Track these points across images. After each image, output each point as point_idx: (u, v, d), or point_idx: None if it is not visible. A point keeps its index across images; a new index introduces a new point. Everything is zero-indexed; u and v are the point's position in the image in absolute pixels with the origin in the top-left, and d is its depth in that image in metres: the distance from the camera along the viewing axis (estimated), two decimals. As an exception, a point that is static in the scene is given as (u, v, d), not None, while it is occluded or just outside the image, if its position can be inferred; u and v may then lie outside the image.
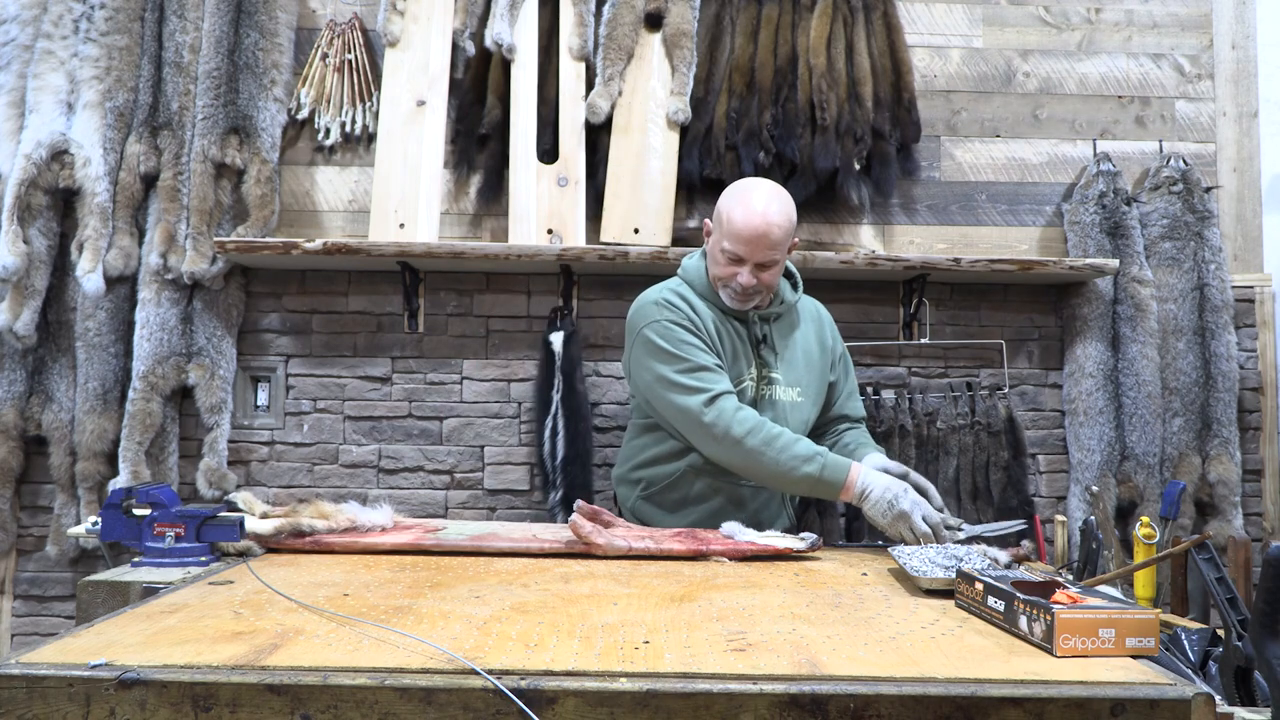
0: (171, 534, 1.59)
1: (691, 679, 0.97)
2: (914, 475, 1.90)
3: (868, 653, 1.07)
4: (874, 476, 1.82)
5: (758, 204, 1.90)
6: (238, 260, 2.74)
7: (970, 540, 1.76)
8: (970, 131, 3.02)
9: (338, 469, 2.84)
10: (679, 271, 2.10)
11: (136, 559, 1.60)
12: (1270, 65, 3.04)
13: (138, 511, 1.63)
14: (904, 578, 1.52)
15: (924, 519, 1.76)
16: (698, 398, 1.87)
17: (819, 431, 2.22)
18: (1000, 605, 1.20)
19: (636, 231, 2.77)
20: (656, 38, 2.87)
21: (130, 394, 2.69)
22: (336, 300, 2.87)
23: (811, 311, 2.19)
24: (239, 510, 1.68)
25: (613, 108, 2.83)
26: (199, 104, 2.73)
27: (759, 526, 1.85)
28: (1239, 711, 1.08)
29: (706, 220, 2.06)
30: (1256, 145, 3.03)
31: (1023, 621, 1.14)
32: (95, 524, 1.66)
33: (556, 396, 2.69)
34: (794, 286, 2.13)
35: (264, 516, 1.71)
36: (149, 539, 1.60)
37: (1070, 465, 2.90)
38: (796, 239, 2.01)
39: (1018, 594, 1.16)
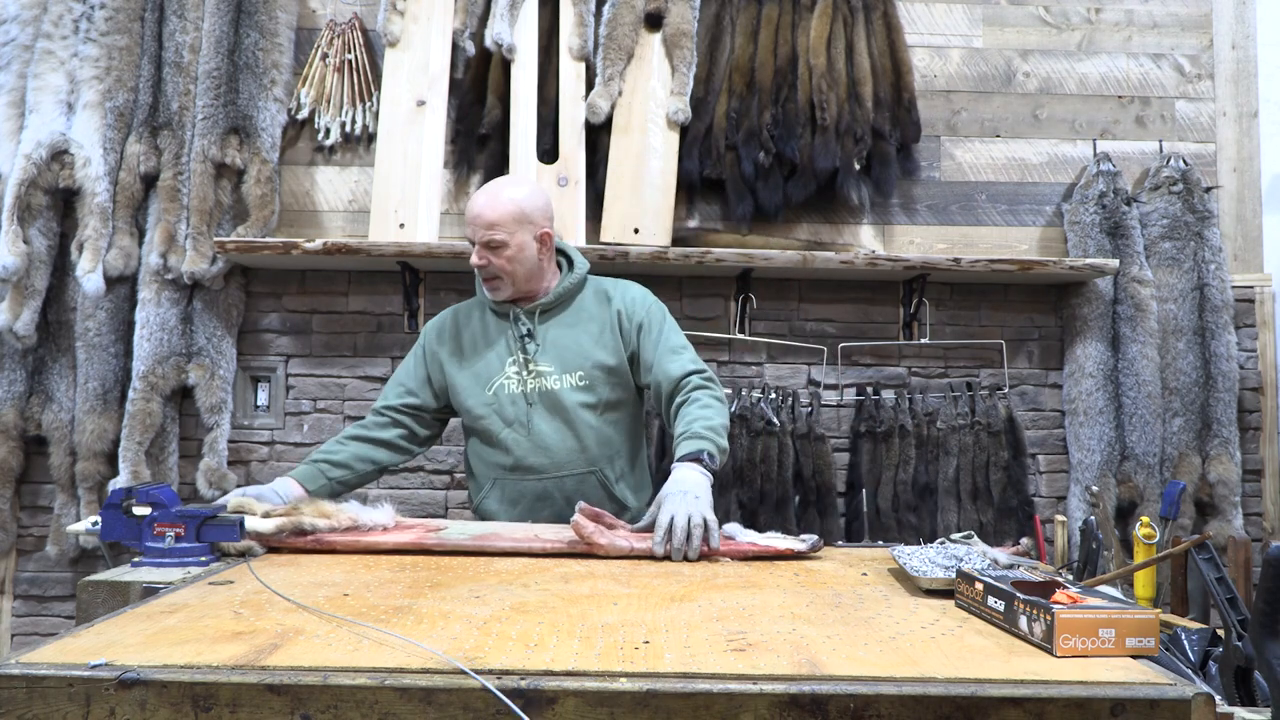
0: (171, 534, 1.59)
1: (691, 679, 0.97)
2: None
3: (868, 653, 1.07)
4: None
5: (487, 188, 2.03)
6: (238, 260, 2.74)
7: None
8: (970, 131, 3.02)
9: (338, 469, 2.84)
10: None
11: (136, 559, 1.60)
12: (1270, 65, 3.04)
13: (138, 511, 1.63)
14: (904, 578, 1.52)
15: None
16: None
17: (662, 401, 2.08)
18: (1000, 605, 1.20)
19: (636, 231, 2.77)
20: (656, 38, 2.87)
21: (130, 394, 2.69)
22: (336, 300, 2.87)
23: (600, 293, 2.12)
24: (240, 512, 1.68)
25: (613, 108, 2.83)
26: (199, 104, 2.73)
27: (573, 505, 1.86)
28: (1239, 711, 1.08)
29: None
30: (1256, 145, 3.03)
31: (1023, 621, 1.14)
32: (95, 524, 1.66)
33: (556, 396, 2.69)
34: (571, 269, 2.11)
35: (266, 515, 1.71)
36: (149, 539, 1.59)
37: (1070, 465, 2.90)
38: (548, 230, 2.04)
39: (1018, 594, 1.16)
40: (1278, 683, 1.08)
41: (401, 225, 2.72)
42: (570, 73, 2.85)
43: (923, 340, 2.91)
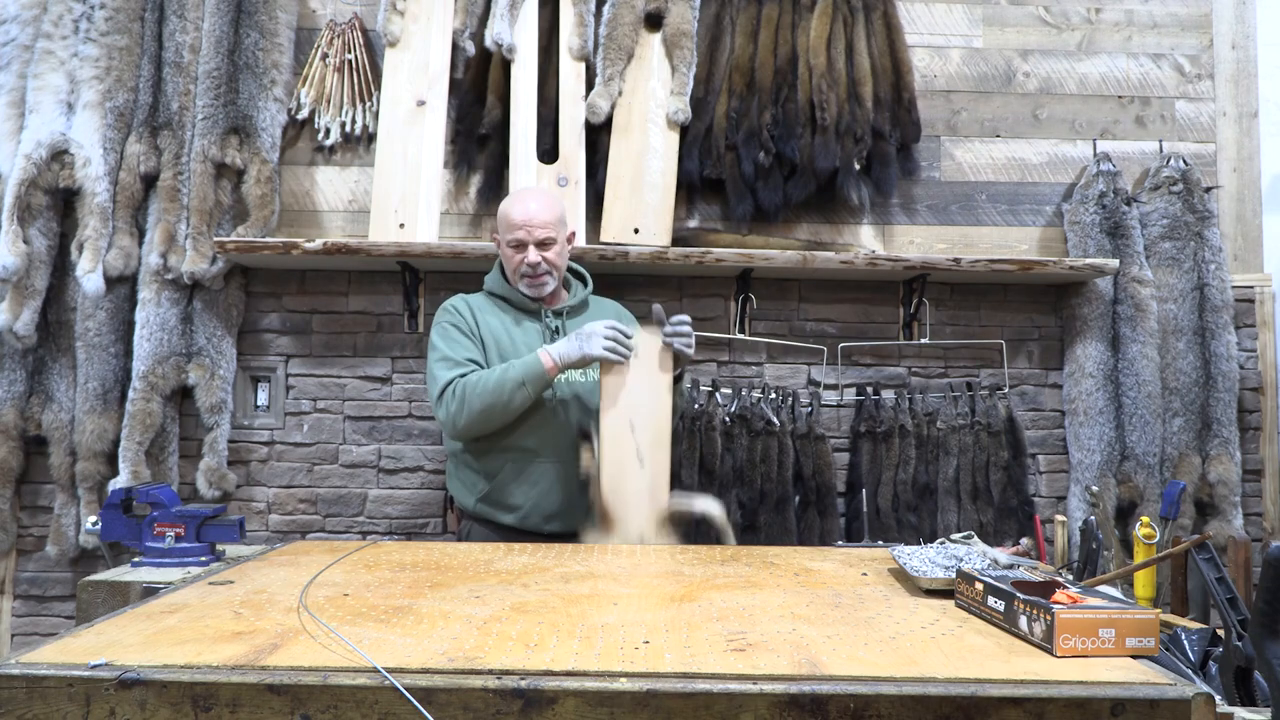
0: (171, 534, 1.59)
1: (691, 679, 0.97)
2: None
3: (868, 653, 1.07)
4: (558, 343, 2.07)
5: (523, 196, 2.22)
6: (238, 260, 2.74)
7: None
8: (970, 131, 3.02)
9: (338, 469, 2.84)
10: (483, 285, 2.30)
11: (136, 559, 1.60)
12: (1270, 65, 3.04)
13: (138, 511, 1.63)
14: (904, 578, 1.52)
15: (603, 334, 2.01)
16: (435, 390, 2.10)
17: None
18: (1000, 605, 1.20)
19: (636, 231, 2.77)
20: (656, 38, 2.87)
21: (130, 394, 2.69)
22: (336, 300, 2.87)
23: (611, 310, 2.37)
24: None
25: (613, 108, 2.82)
26: (199, 104, 2.73)
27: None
28: (1239, 711, 1.08)
29: (494, 234, 2.27)
30: (1256, 145, 3.03)
31: (1023, 621, 1.14)
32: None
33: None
34: (585, 284, 2.36)
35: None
36: (149, 539, 1.60)
37: (1070, 465, 2.90)
38: (573, 232, 2.30)
39: (1018, 594, 1.16)
40: (1278, 683, 1.08)
41: (401, 225, 2.72)
42: (570, 73, 2.85)
43: (923, 340, 2.91)
